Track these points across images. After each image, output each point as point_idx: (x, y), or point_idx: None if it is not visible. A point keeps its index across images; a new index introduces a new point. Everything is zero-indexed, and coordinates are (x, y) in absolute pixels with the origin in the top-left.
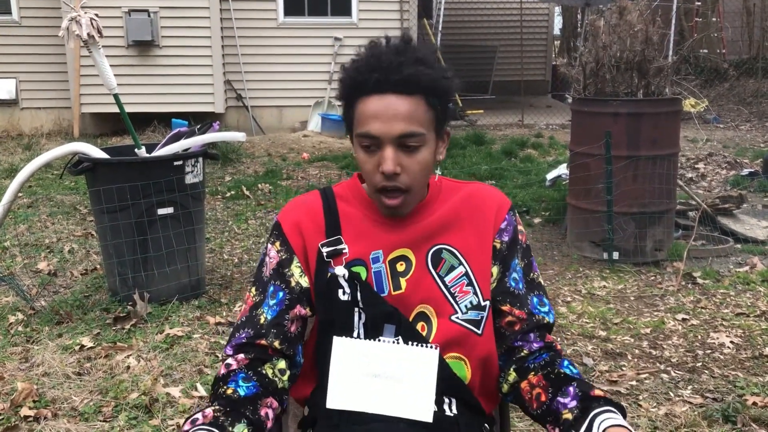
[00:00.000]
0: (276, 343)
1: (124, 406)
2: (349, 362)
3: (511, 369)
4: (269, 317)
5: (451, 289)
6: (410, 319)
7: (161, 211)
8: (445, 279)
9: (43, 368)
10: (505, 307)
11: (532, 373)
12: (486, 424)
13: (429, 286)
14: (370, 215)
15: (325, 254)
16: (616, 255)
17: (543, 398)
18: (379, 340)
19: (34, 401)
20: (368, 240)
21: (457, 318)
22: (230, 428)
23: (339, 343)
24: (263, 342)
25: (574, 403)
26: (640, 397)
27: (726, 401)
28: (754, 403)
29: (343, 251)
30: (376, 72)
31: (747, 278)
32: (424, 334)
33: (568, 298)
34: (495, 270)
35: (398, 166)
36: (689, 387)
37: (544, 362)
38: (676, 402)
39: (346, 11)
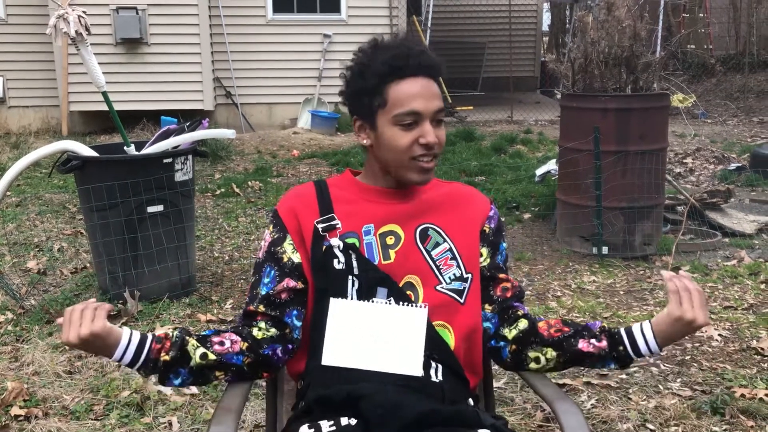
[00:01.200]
0: (261, 307)
1: (116, 404)
2: (345, 321)
3: (519, 320)
4: (263, 293)
5: (437, 262)
6: (400, 286)
7: (151, 209)
8: (432, 253)
9: (34, 367)
10: (502, 275)
11: (543, 323)
12: (470, 399)
13: (416, 258)
14: (362, 196)
15: (320, 229)
16: (605, 250)
17: (566, 329)
18: (373, 302)
19: (24, 400)
20: (360, 215)
21: (442, 288)
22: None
23: (335, 303)
24: (250, 308)
25: (599, 324)
26: (630, 391)
27: (714, 393)
28: (742, 395)
29: (337, 226)
30: (413, 58)
31: (735, 272)
32: (412, 300)
33: (558, 293)
34: (485, 251)
35: (436, 137)
36: (678, 380)
37: (552, 322)
38: (666, 395)
39: (335, 8)
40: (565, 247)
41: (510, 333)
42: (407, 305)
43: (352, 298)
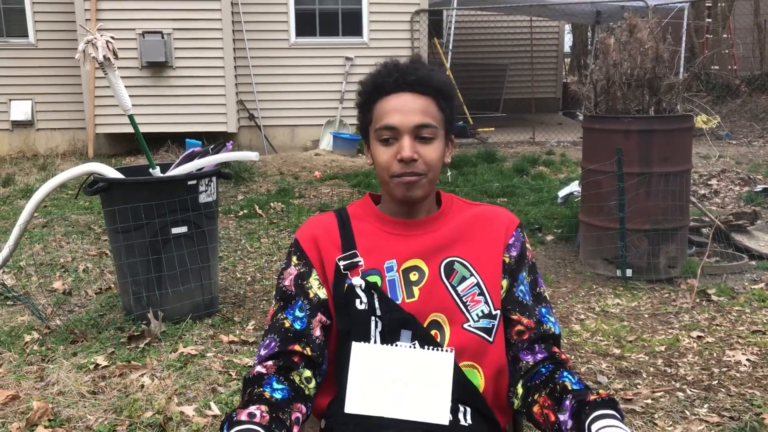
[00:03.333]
0: (308, 350)
1: (139, 424)
2: (368, 367)
3: (519, 384)
4: (297, 327)
5: (463, 299)
6: (424, 326)
7: (175, 230)
8: (458, 288)
9: (59, 387)
10: (515, 316)
11: (537, 393)
12: None
13: (442, 295)
14: (384, 228)
15: (342, 267)
16: (629, 272)
17: (552, 418)
18: (397, 345)
19: (49, 420)
20: (382, 251)
21: (470, 326)
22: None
23: (358, 348)
24: (296, 347)
25: (570, 423)
26: (656, 416)
27: (743, 420)
28: None
29: (359, 263)
30: (395, 74)
31: (762, 295)
32: (438, 340)
33: (582, 316)
34: (504, 282)
35: (415, 153)
36: (705, 405)
37: (546, 377)
38: (693, 421)
39: (357, 31)
40: (588, 270)
41: (515, 402)
42: (433, 349)
43: (375, 341)
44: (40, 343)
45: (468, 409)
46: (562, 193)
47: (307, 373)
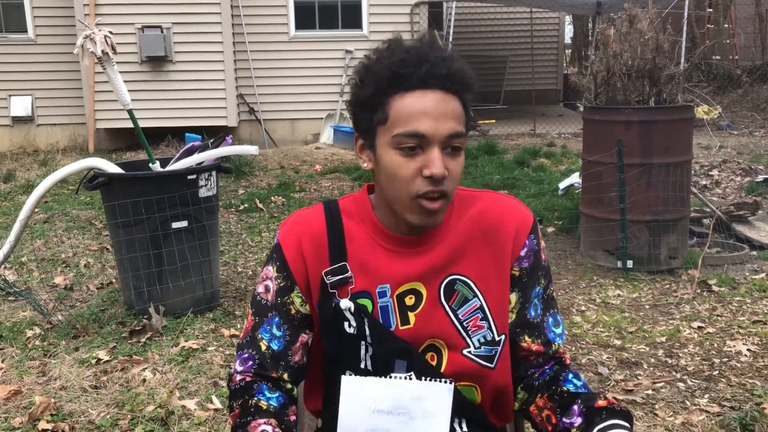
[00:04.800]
0: (285, 375)
1: (141, 418)
2: (360, 400)
3: (519, 387)
4: (274, 348)
5: (464, 323)
6: (419, 351)
7: (176, 225)
8: (458, 312)
9: (61, 382)
10: (524, 343)
11: (538, 394)
12: None
13: (440, 320)
14: (378, 241)
15: (329, 284)
16: (630, 263)
17: (553, 420)
18: (391, 377)
19: (51, 415)
20: (375, 272)
21: (469, 353)
22: None
23: (348, 382)
24: (273, 375)
25: (579, 421)
26: (656, 407)
27: (744, 410)
28: None
29: (349, 280)
30: (425, 64)
31: (763, 285)
32: (434, 364)
33: (583, 307)
34: (513, 298)
35: (446, 169)
36: (706, 396)
37: (548, 379)
38: (693, 411)
39: (356, 24)
40: (589, 261)
41: (515, 405)
42: (430, 380)
43: (366, 365)
44: (42, 339)
45: (464, 420)
46: (562, 184)
47: (288, 385)
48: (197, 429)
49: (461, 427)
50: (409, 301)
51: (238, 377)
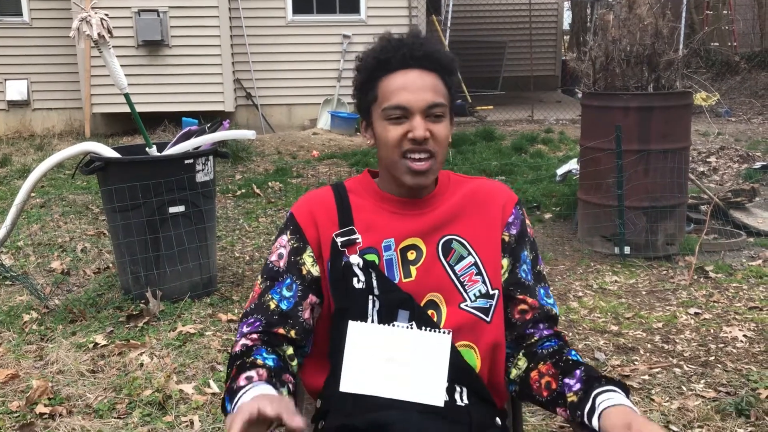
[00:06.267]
0: (292, 333)
1: (138, 402)
2: (364, 346)
3: (521, 354)
4: (283, 308)
5: (461, 278)
6: (421, 306)
7: (172, 210)
8: (455, 268)
9: (58, 366)
10: (519, 296)
11: (542, 362)
12: (498, 418)
13: (439, 274)
14: (381, 206)
15: (339, 244)
16: (627, 249)
17: (554, 386)
18: (394, 326)
19: (49, 399)
20: (380, 229)
21: (466, 306)
22: (279, 388)
23: (354, 327)
24: (280, 330)
25: (578, 386)
26: (653, 392)
27: (739, 395)
28: None
29: (357, 240)
30: (401, 49)
31: (760, 272)
32: (435, 320)
33: (580, 293)
34: (505, 262)
35: (427, 132)
36: (702, 381)
37: (553, 350)
38: (689, 396)
39: (354, 8)
40: (586, 247)
41: (512, 372)
42: (430, 330)
43: (372, 320)
44: (39, 323)
45: (464, 390)
46: (560, 171)
47: (290, 351)
48: (195, 413)
49: (461, 398)
50: (411, 255)
51: (239, 343)
